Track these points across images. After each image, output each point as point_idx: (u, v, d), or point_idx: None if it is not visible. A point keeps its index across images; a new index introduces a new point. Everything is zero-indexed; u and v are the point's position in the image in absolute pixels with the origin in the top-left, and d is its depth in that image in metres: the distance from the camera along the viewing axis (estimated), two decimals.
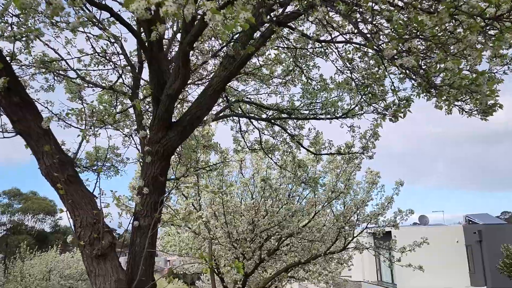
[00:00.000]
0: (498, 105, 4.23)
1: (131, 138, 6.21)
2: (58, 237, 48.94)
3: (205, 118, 6.04)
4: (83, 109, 3.92)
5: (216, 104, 6.70)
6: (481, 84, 2.65)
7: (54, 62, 5.48)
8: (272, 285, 16.58)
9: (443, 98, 2.82)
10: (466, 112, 4.73)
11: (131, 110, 6.37)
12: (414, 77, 3.10)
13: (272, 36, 4.75)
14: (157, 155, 4.26)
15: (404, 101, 4.58)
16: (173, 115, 4.77)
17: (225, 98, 6.81)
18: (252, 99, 7.00)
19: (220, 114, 6.38)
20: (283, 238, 10.40)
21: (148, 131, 4.53)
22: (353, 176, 10.15)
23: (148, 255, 4.18)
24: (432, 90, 3.46)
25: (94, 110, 4.13)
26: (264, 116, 6.96)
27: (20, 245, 31.75)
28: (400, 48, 2.95)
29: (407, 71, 3.06)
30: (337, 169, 9.93)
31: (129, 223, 4.20)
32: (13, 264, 30.77)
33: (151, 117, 4.83)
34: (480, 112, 4.71)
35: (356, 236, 10.95)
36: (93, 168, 5.57)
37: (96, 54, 5.42)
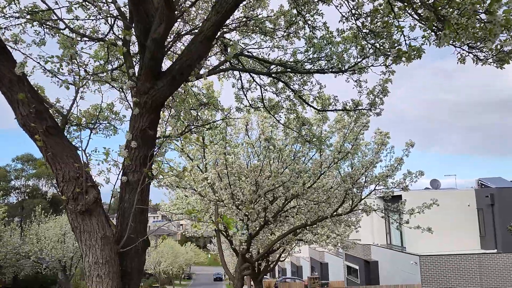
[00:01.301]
0: None
1: (125, 94, 5.94)
2: None
3: (201, 72, 5.74)
4: (62, 57, 3.64)
5: (213, 55, 6.36)
6: (495, 12, 2.29)
7: (42, 13, 5.16)
8: (280, 247, 16.64)
9: (452, 29, 2.45)
10: (480, 60, 4.34)
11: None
12: (421, 10, 2.73)
13: None
14: (145, 107, 3.99)
15: (415, 51, 4.21)
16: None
17: (225, 53, 6.44)
18: (254, 54, 6.62)
19: (219, 68, 6.04)
20: (288, 200, 10.22)
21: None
22: (361, 136, 9.81)
23: (138, 212, 3.98)
24: (440, 32, 3.10)
25: (73, 55, 3.83)
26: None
27: (35, 209, 32.44)
28: None
29: (413, 4, 2.70)
30: (344, 129, 9.59)
31: (117, 178, 3.99)
32: (29, 227, 31.54)
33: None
34: (496, 60, 4.32)
35: (364, 198, 10.72)
36: (89, 127, 5.36)
37: (83, 1, 5.07)
